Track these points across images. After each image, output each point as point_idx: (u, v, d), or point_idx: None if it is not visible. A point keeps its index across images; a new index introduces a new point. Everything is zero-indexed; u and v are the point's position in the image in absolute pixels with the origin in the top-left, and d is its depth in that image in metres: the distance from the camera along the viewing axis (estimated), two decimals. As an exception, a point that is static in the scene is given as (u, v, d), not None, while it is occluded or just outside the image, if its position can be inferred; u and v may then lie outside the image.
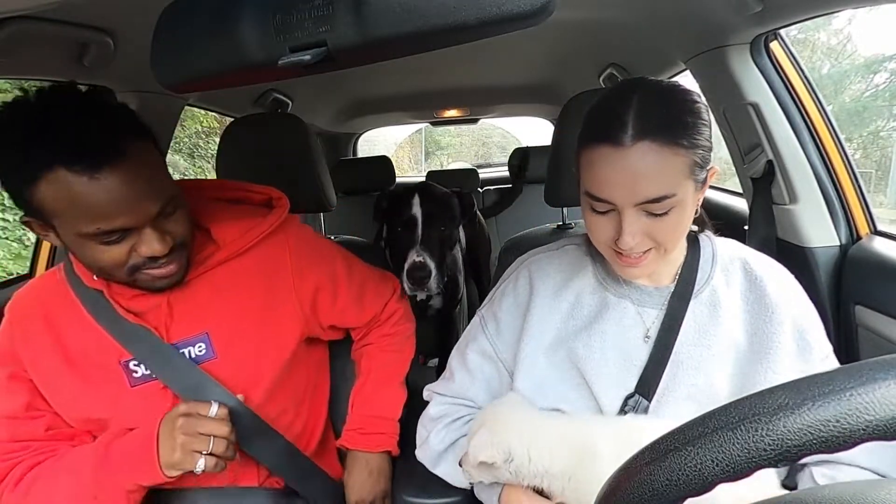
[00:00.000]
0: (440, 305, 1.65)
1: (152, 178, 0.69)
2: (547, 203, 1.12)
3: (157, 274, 0.74)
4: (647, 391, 0.71)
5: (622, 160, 0.62)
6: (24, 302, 0.82)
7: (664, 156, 0.61)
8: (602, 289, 0.77)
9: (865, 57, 4.80)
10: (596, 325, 0.75)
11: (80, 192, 0.63)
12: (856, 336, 1.02)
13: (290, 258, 0.89)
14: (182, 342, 0.80)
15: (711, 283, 0.74)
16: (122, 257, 0.70)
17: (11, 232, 4.16)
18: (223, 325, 0.82)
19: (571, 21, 1.31)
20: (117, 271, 0.71)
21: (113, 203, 0.65)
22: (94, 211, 0.65)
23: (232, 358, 0.82)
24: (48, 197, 0.64)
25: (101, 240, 0.67)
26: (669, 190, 0.62)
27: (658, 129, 0.61)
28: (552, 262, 0.82)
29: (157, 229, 0.70)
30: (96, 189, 0.63)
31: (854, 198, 1.09)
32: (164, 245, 0.71)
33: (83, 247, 0.69)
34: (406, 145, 9.36)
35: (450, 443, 0.82)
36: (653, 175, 0.62)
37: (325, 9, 0.48)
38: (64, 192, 0.63)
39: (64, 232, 0.68)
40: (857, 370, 0.30)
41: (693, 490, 0.32)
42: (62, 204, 0.64)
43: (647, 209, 0.64)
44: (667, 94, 0.65)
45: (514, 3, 0.45)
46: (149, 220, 0.69)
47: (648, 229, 0.65)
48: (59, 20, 0.84)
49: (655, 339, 0.73)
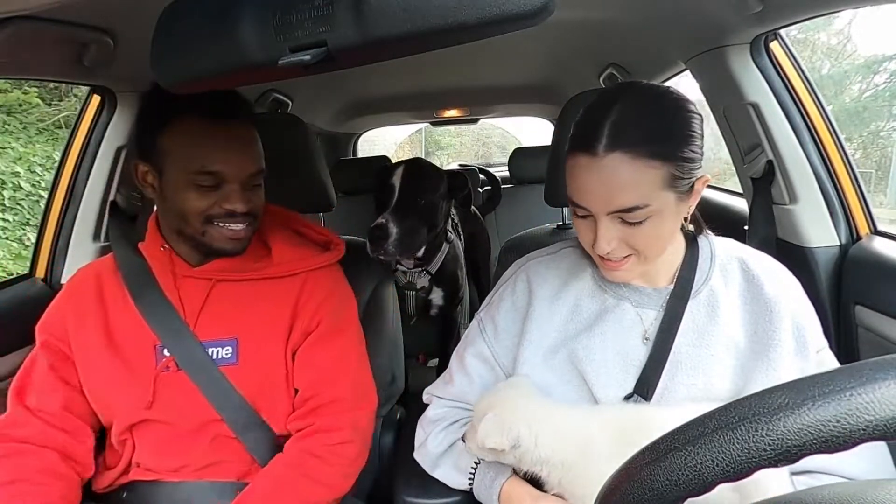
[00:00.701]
0: (442, 302, 1.63)
1: (254, 144, 0.85)
2: (547, 203, 1.12)
3: (228, 233, 0.83)
4: (646, 392, 0.71)
5: (596, 170, 0.63)
6: (83, 278, 0.89)
7: (637, 167, 0.62)
8: (601, 291, 0.77)
9: (865, 57, 4.81)
10: (595, 328, 0.75)
11: (200, 134, 0.79)
12: (856, 336, 1.02)
13: (322, 297, 0.92)
14: (211, 342, 0.85)
15: (710, 283, 0.74)
16: (206, 205, 0.81)
17: (11, 232, 4.17)
18: (253, 335, 0.86)
19: (571, 21, 1.31)
20: (196, 219, 0.81)
21: (222, 149, 0.80)
22: (205, 151, 0.79)
23: (251, 369, 0.86)
24: (175, 137, 0.79)
25: (199, 182, 0.79)
26: (642, 201, 0.63)
27: (632, 141, 0.62)
28: (550, 266, 0.82)
29: (242, 190, 0.82)
30: (215, 134, 0.79)
31: (854, 198, 1.09)
32: (244, 204, 0.82)
33: (178, 189, 0.80)
34: (406, 145, 9.35)
35: (447, 445, 0.82)
36: (625, 186, 0.62)
37: (325, 9, 0.48)
38: (189, 133, 0.79)
39: (170, 175, 0.80)
40: (857, 370, 0.30)
41: (693, 490, 0.32)
42: (184, 142, 0.79)
43: (621, 217, 0.64)
44: (652, 103, 0.66)
45: (514, 3, 0.45)
46: (241, 178, 0.81)
47: (624, 236, 0.66)
48: (59, 20, 0.83)
49: (654, 339, 0.73)
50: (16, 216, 4.27)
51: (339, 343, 0.91)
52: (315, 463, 0.83)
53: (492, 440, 0.66)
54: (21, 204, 4.32)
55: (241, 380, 0.85)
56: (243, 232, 0.84)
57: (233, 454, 0.86)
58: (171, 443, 0.84)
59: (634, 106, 0.64)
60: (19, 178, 4.33)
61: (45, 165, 4.46)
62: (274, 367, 0.87)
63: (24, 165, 4.40)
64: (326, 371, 0.88)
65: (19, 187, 4.32)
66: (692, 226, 0.76)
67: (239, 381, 0.85)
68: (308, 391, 0.87)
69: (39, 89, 4.84)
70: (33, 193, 4.36)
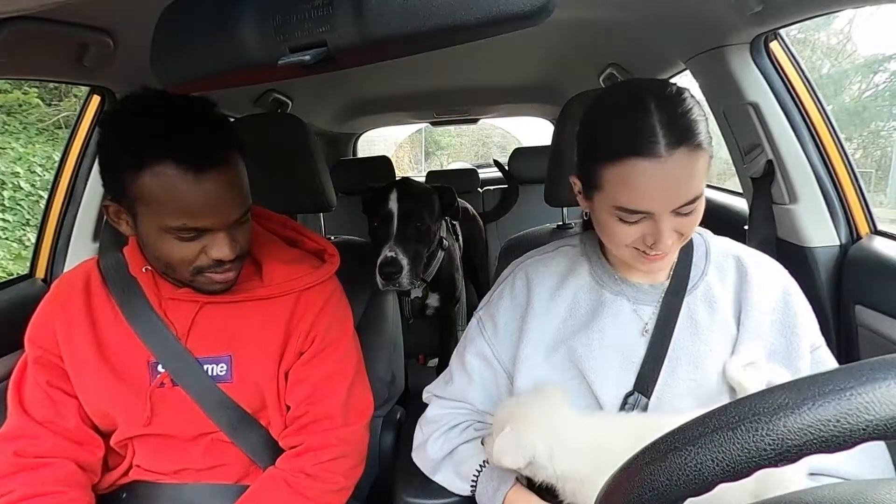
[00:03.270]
0: (438, 304, 1.63)
1: (241, 186, 0.76)
2: (547, 203, 1.12)
3: (218, 278, 0.78)
4: (646, 388, 0.72)
5: (660, 171, 0.62)
6: (70, 287, 0.84)
7: (694, 159, 0.63)
8: (598, 287, 0.78)
9: (865, 57, 4.81)
10: (594, 324, 0.76)
11: (180, 188, 0.69)
12: (856, 336, 1.02)
13: (314, 315, 0.88)
14: (205, 358, 0.82)
15: (706, 278, 0.75)
16: (192, 256, 0.75)
17: (11, 232, 4.17)
18: (247, 352, 0.84)
19: (571, 21, 1.31)
20: (183, 268, 0.76)
21: (206, 203, 0.71)
22: (186, 207, 0.70)
23: (246, 386, 0.84)
24: (149, 186, 0.69)
25: (180, 235, 0.72)
26: (700, 190, 0.65)
27: (686, 135, 0.63)
28: (549, 264, 0.82)
29: (229, 235, 0.75)
30: (196, 188, 0.69)
31: (854, 197, 1.09)
32: (233, 251, 0.75)
33: (159, 239, 0.73)
34: (406, 145, 9.36)
35: (447, 451, 0.82)
36: (688, 180, 0.64)
37: (325, 9, 0.48)
38: (166, 185, 0.69)
39: (147, 222, 0.73)
40: (856, 370, 0.30)
41: (693, 490, 0.32)
42: (160, 195, 0.69)
43: (680, 211, 0.65)
44: (677, 97, 0.66)
45: (514, 3, 0.45)
46: (228, 224, 0.74)
47: (678, 227, 0.67)
48: (59, 20, 0.84)
49: (652, 335, 0.73)
50: (16, 216, 4.28)
51: (333, 358, 0.88)
52: (308, 482, 0.81)
53: (508, 459, 0.66)
54: (21, 204, 4.32)
55: (237, 397, 0.83)
56: (233, 274, 0.80)
57: (231, 458, 0.86)
58: (170, 451, 0.84)
59: (666, 101, 0.65)
60: (19, 179, 4.34)
61: (44, 166, 4.46)
62: (269, 384, 0.84)
63: (24, 166, 4.40)
64: (317, 388, 0.85)
65: (19, 187, 4.33)
66: None
67: (235, 399, 0.83)
68: (298, 409, 0.85)
69: (39, 90, 4.84)
70: (33, 194, 4.36)
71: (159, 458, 0.85)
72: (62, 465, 0.80)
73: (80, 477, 0.81)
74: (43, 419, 0.81)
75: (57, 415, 0.81)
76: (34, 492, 0.77)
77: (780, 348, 0.70)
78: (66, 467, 0.80)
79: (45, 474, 0.78)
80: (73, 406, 0.82)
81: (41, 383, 0.81)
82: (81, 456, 0.82)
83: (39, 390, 0.82)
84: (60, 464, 0.80)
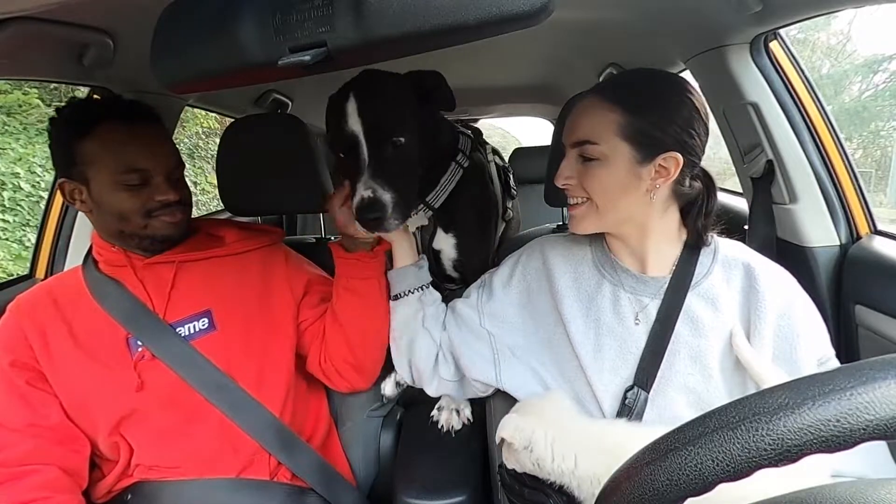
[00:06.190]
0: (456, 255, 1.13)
1: (168, 140, 0.91)
2: (547, 203, 1.12)
3: (168, 219, 0.88)
4: (646, 381, 0.73)
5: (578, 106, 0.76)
6: (30, 296, 0.90)
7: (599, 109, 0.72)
8: (599, 275, 0.80)
9: (865, 57, 4.81)
10: (591, 312, 0.78)
11: (120, 140, 0.83)
12: (856, 336, 1.02)
13: (285, 261, 1.02)
14: (181, 321, 0.89)
15: (710, 277, 0.75)
16: (141, 202, 0.85)
17: (11, 233, 4.17)
18: (225, 302, 0.93)
19: (571, 21, 1.30)
20: (136, 216, 0.85)
21: (143, 148, 0.85)
22: (129, 151, 0.84)
23: (230, 330, 0.91)
24: (95, 146, 0.83)
25: (127, 183, 0.84)
26: (593, 137, 0.72)
27: (607, 89, 0.73)
28: (564, 242, 0.87)
29: (168, 181, 0.88)
30: (133, 137, 0.84)
31: (854, 197, 1.09)
32: (174, 193, 0.87)
33: (111, 195, 0.84)
34: (406, 145, 9.32)
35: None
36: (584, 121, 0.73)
37: (325, 9, 0.48)
38: (108, 140, 0.83)
39: (98, 181, 0.84)
40: (857, 370, 0.30)
41: (693, 490, 0.32)
42: (105, 151, 0.83)
43: (579, 152, 0.74)
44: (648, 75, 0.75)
45: (513, 3, 0.45)
46: (164, 171, 0.87)
47: (580, 176, 0.75)
48: (59, 20, 0.84)
49: (652, 328, 0.74)
50: (16, 217, 4.27)
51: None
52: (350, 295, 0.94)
53: (505, 432, 0.69)
54: (21, 205, 4.31)
55: (224, 346, 0.89)
56: (181, 217, 0.90)
57: (232, 442, 0.87)
58: (166, 435, 0.85)
59: (634, 72, 0.77)
60: (19, 179, 4.33)
61: (45, 166, 4.46)
62: (254, 328, 0.92)
63: (24, 166, 4.40)
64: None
65: (19, 188, 4.32)
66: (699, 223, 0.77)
67: (222, 348, 0.89)
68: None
69: (39, 90, 4.83)
70: (33, 194, 4.35)
71: (160, 449, 0.85)
72: (46, 470, 0.79)
73: (65, 481, 0.81)
74: (19, 426, 0.81)
75: (36, 416, 0.82)
76: (20, 499, 0.76)
77: (783, 358, 0.70)
78: (49, 473, 0.80)
79: (28, 482, 0.78)
80: (54, 403, 0.84)
81: (20, 385, 0.82)
82: (66, 458, 0.82)
83: (15, 395, 0.82)
84: (44, 470, 0.79)
